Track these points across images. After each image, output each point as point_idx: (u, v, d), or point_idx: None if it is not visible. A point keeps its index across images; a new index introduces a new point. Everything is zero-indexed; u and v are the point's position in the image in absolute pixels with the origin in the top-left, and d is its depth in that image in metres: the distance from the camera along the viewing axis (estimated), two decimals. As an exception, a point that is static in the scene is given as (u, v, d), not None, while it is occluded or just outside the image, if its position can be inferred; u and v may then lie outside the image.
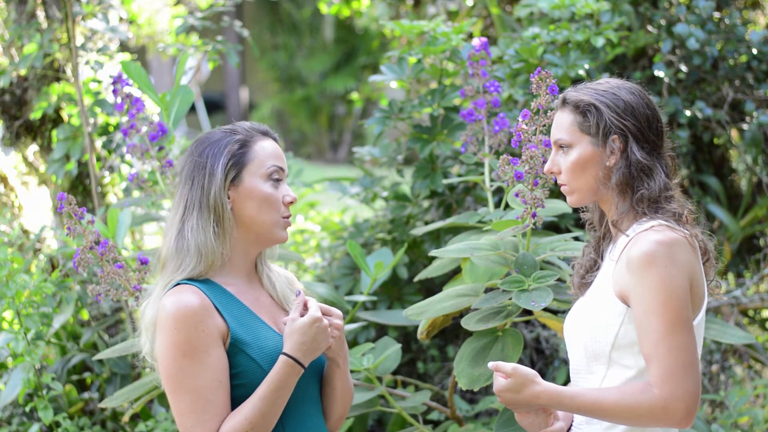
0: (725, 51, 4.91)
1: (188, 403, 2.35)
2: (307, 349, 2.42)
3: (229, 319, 2.42)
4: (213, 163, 2.47)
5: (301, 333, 2.42)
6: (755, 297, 4.86)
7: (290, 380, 2.40)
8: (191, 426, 2.35)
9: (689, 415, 2.27)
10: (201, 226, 2.45)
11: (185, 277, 2.44)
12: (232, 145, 2.49)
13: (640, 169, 2.41)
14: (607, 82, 2.49)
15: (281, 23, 19.71)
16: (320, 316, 2.44)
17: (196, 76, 5.97)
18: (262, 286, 2.59)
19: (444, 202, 4.54)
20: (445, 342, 4.72)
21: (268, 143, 2.54)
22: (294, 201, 2.53)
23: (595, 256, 2.56)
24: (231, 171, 2.48)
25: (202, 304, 2.39)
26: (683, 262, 2.32)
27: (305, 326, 2.42)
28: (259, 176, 2.49)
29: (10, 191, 5.19)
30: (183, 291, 2.41)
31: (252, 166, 2.49)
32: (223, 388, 2.37)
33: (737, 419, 4.26)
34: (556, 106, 2.53)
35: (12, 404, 4.33)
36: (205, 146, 2.51)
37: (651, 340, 2.28)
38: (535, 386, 2.36)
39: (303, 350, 2.41)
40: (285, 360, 2.40)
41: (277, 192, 2.51)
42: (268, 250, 2.62)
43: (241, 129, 2.54)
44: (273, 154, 2.53)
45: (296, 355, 2.40)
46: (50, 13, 4.94)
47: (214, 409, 2.35)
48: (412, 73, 4.34)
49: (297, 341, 2.41)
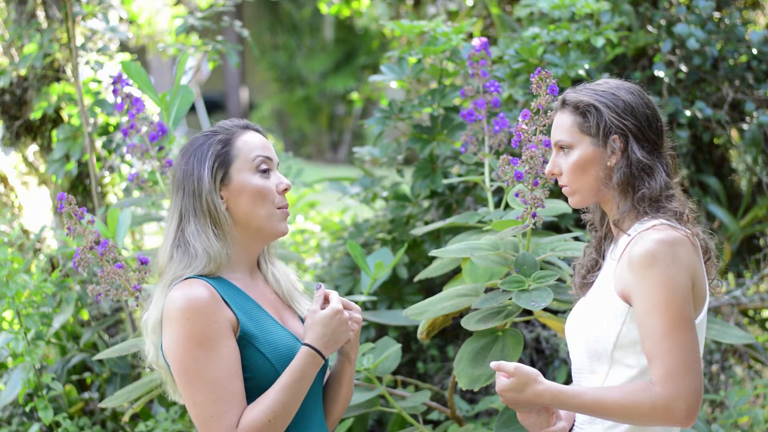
0: (725, 51, 4.91)
1: (206, 394, 2.33)
2: (328, 341, 2.44)
3: (238, 312, 2.42)
4: (199, 167, 2.47)
5: (323, 324, 2.44)
6: (755, 297, 4.86)
7: (311, 370, 2.42)
8: (210, 417, 2.33)
9: (691, 414, 2.27)
10: (201, 231, 2.45)
11: (194, 274, 2.44)
12: (215, 146, 2.49)
13: (641, 168, 2.41)
14: (606, 83, 2.49)
15: (281, 23, 19.72)
16: (341, 308, 2.47)
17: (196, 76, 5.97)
18: (267, 282, 2.60)
19: (444, 202, 4.54)
20: (445, 342, 4.71)
21: (251, 136, 2.53)
22: (288, 188, 2.52)
23: (596, 256, 2.56)
24: (218, 171, 2.47)
25: (212, 296, 2.38)
26: (685, 261, 2.32)
27: (327, 318, 2.44)
28: (247, 170, 2.49)
29: (10, 191, 5.19)
30: (192, 284, 2.40)
31: (238, 162, 2.49)
32: (239, 378, 2.37)
33: (737, 419, 4.26)
34: (556, 107, 2.53)
35: (12, 404, 4.33)
36: (189, 153, 2.51)
37: (653, 338, 2.28)
38: (538, 385, 2.36)
39: (324, 341, 2.43)
40: (307, 351, 2.42)
41: (269, 182, 2.50)
42: (271, 248, 2.62)
43: (221, 128, 2.53)
44: (257, 145, 2.52)
45: (318, 345, 2.42)
46: (50, 13, 4.94)
47: (233, 398, 2.34)
48: (412, 73, 4.34)
49: (319, 332, 2.44)
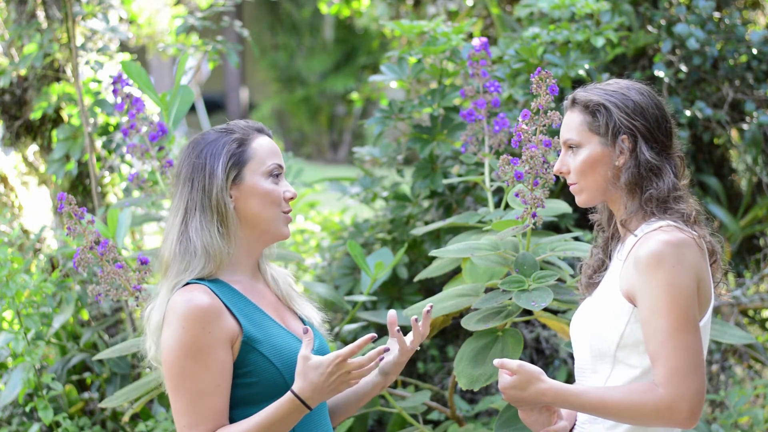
0: (725, 51, 4.91)
1: (185, 403, 2.34)
2: (317, 391, 2.32)
3: (241, 317, 2.41)
4: (213, 163, 2.46)
5: (317, 373, 2.30)
6: (755, 297, 4.86)
7: (292, 418, 2.34)
8: (184, 426, 2.35)
9: (694, 415, 2.27)
10: (205, 226, 2.44)
11: (195, 277, 2.43)
12: (230, 145, 2.48)
13: (649, 169, 2.41)
14: (617, 83, 2.49)
15: (281, 23, 19.72)
16: (343, 355, 2.30)
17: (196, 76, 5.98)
18: (267, 284, 2.59)
19: (444, 202, 4.54)
20: (445, 342, 4.71)
21: (265, 140, 2.54)
22: (294, 196, 2.54)
23: (603, 257, 2.56)
24: (232, 170, 2.47)
25: (212, 305, 2.37)
26: (691, 262, 2.32)
27: (322, 366, 2.31)
28: (260, 173, 2.49)
29: (10, 191, 5.19)
30: (194, 290, 2.39)
31: (252, 164, 2.49)
32: (221, 393, 2.35)
33: (737, 419, 4.26)
34: (566, 106, 2.53)
35: (12, 404, 4.33)
36: (202, 147, 2.49)
37: (657, 339, 2.28)
38: (541, 384, 2.36)
39: (312, 391, 2.31)
40: (291, 399, 2.32)
41: (278, 188, 2.51)
42: (267, 250, 2.61)
43: (237, 128, 2.53)
44: (271, 151, 2.53)
45: (304, 396, 2.32)
46: (50, 13, 4.94)
47: (209, 413, 2.33)
48: (412, 73, 4.34)
49: (310, 381, 2.31)
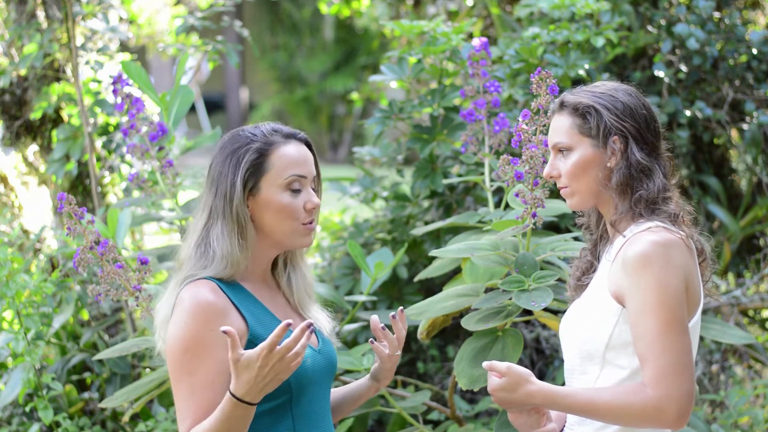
0: (725, 51, 4.91)
1: (180, 396, 2.37)
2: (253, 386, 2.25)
3: (248, 316, 2.40)
4: (234, 172, 2.42)
5: (248, 369, 2.24)
6: (755, 297, 4.86)
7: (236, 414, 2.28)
8: (178, 418, 2.38)
9: (682, 416, 2.26)
10: (226, 235, 2.41)
11: (209, 275, 2.41)
12: (250, 154, 2.42)
13: (640, 169, 2.42)
14: (604, 85, 2.49)
15: (281, 23, 19.73)
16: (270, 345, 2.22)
17: (196, 76, 5.98)
18: (279, 287, 2.57)
19: (444, 202, 4.54)
20: (445, 342, 4.71)
21: (290, 148, 2.46)
22: (316, 206, 2.46)
23: (591, 258, 2.56)
24: (249, 181, 2.42)
25: (218, 302, 2.37)
26: (679, 263, 2.32)
27: (251, 360, 2.24)
28: (276, 186, 2.43)
29: (10, 191, 5.19)
30: (202, 286, 2.38)
31: (269, 176, 2.43)
32: (213, 390, 2.34)
33: (737, 419, 4.26)
34: (553, 109, 2.53)
35: (12, 404, 4.33)
36: (227, 153, 2.45)
37: (645, 340, 2.28)
38: (530, 386, 2.36)
39: (248, 388, 2.25)
40: (228, 399, 2.27)
41: (296, 200, 2.44)
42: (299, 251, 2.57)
43: (260, 134, 2.46)
44: (293, 161, 2.45)
45: (239, 393, 2.26)
46: (50, 13, 4.94)
47: (197, 408, 2.34)
48: (412, 73, 4.34)
49: (243, 379, 2.25)
